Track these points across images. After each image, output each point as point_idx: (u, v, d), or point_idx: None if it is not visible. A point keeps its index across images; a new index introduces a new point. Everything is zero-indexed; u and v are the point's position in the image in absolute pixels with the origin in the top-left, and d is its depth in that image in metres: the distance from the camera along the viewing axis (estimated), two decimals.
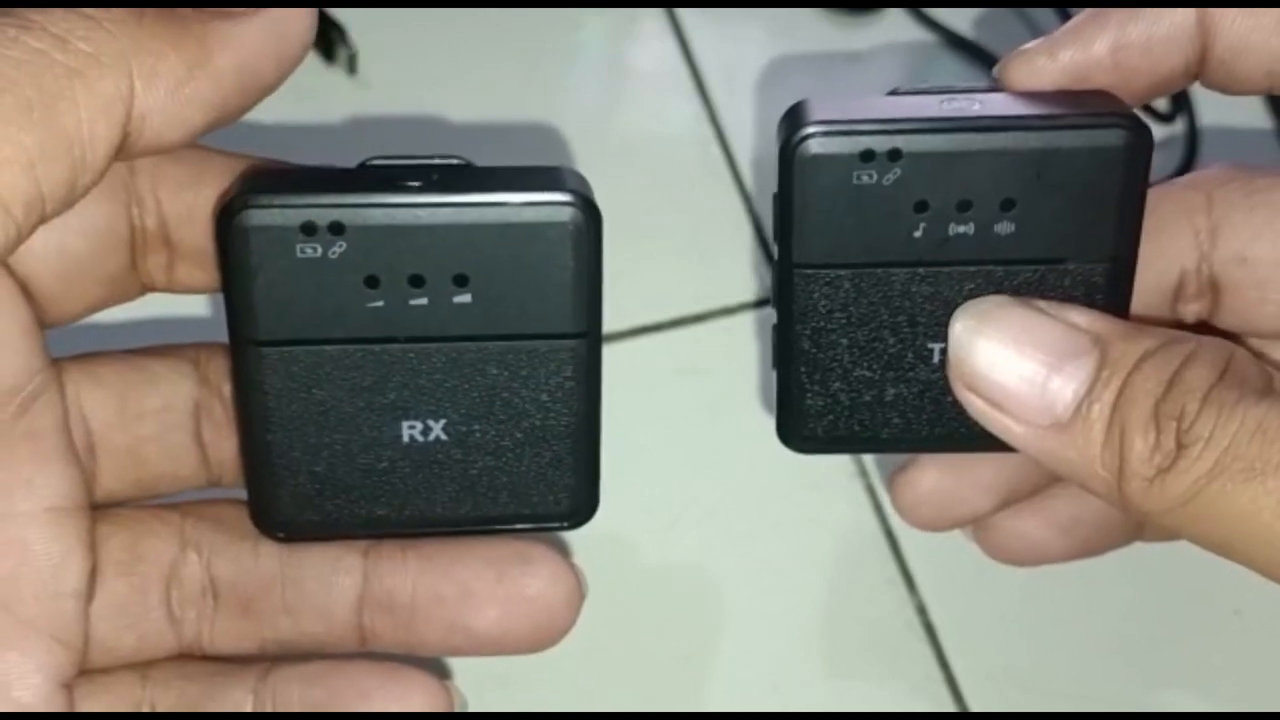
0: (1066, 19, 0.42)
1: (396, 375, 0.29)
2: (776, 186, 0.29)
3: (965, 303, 0.29)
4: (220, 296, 0.29)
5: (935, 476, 0.36)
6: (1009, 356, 0.28)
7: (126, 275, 0.30)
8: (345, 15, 0.47)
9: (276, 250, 0.28)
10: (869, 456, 0.42)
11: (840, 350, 0.31)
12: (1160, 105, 0.46)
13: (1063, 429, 0.27)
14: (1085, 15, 0.30)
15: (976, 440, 0.31)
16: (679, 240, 0.46)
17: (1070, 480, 0.28)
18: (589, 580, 0.32)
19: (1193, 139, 0.46)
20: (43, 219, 0.25)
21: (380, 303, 0.29)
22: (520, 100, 0.48)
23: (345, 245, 0.28)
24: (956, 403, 0.30)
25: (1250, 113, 0.48)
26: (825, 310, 0.30)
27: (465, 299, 0.29)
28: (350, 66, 0.47)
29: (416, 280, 0.29)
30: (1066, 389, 0.27)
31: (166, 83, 0.25)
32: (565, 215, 0.28)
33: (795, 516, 0.42)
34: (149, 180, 0.29)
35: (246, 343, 0.29)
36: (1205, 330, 0.33)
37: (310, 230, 0.28)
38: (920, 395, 0.31)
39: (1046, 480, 0.36)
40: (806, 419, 0.31)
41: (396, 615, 0.31)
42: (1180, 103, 0.46)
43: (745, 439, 0.42)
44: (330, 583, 0.31)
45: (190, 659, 0.31)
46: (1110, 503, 0.28)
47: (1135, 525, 0.36)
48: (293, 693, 0.31)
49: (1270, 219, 0.32)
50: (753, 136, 0.48)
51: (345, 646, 0.32)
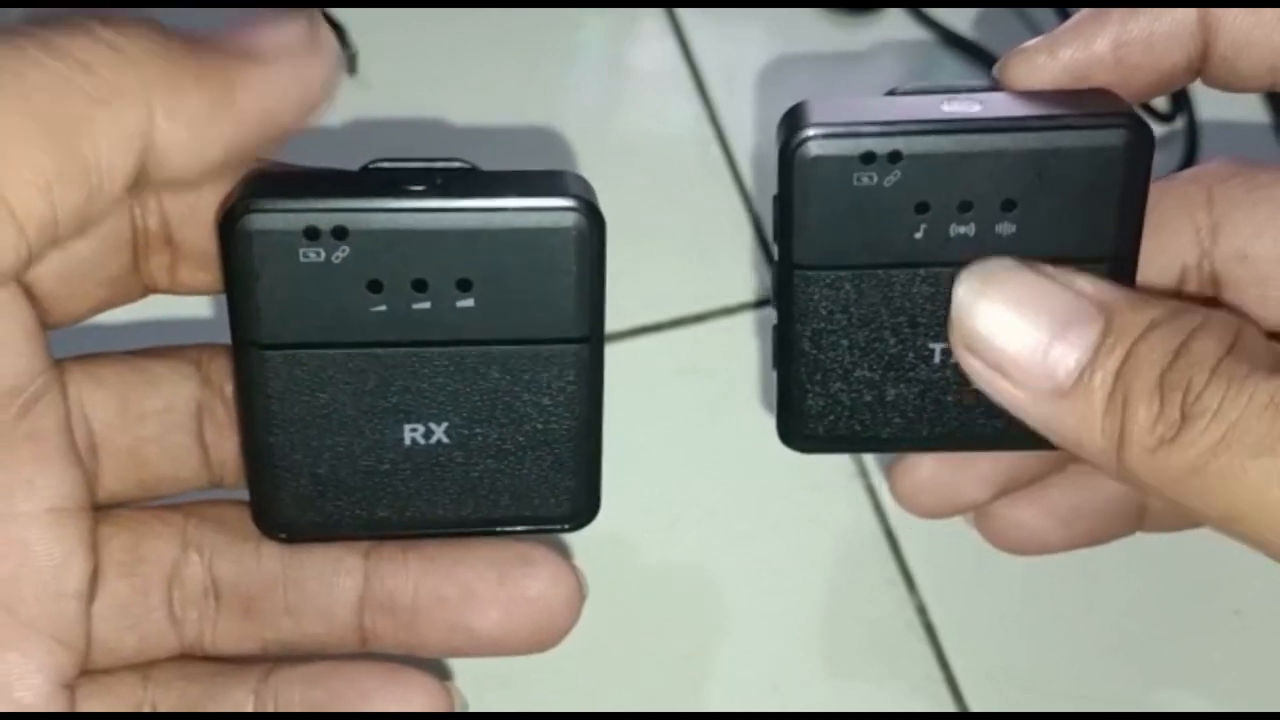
0: (1066, 19, 0.43)
1: (399, 379, 0.29)
2: (777, 188, 0.29)
3: (971, 264, 0.29)
4: (222, 297, 0.29)
5: (933, 466, 0.35)
6: (1012, 320, 0.28)
7: (129, 277, 0.30)
8: (345, 15, 0.47)
9: (279, 254, 0.28)
10: (869, 456, 0.42)
11: (841, 351, 0.31)
12: (1159, 104, 0.46)
13: (1063, 395, 0.27)
14: (1085, 13, 0.30)
15: (977, 439, 0.31)
16: (679, 240, 0.46)
17: (1067, 449, 0.28)
18: (589, 579, 0.32)
19: (1193, 137, 0.46)
20: (54, 242, 0.25)
21: (383, 307, 0.29)
22: (520, 100, 0.48)
23: (348, 250, 0.28)
24: (957, 403, 0.30)
25: (1249, 108, 0.48)
26: (826, 312, 0.30)
27: (468, 303, 0.29)
28: (350, 66, 0.47)
29: (420, 285, 0.28)
30: (1069, 355, 0.27)
31: (188, 118, 0.25)
32: (569, 221, 0.28)
33: (795, 516, 0.42)
34: None
35: (249, 346, 0.29)
36: (1215, 306, 0.32)
37: (313, 235, 0.28)
38: (921, 395, 0.31)
39: (1045, 470, 0.35)
40: (807, 419, 0.31)
41: (398, 616, 0.31)
42: (1180, 102, 0.46)
43: (745, 439, 0.42)
44: (331, 584, 0.31)
45: (192, 659, 0.31)
46: (1108, 473, 0.27)
47: (1136, 515, 0.36)
48: (294, 693, 0.31)
49: (1272, 216, 0.32)
50: (753, 136, 0.48)
51: (346, 647, 0.32)
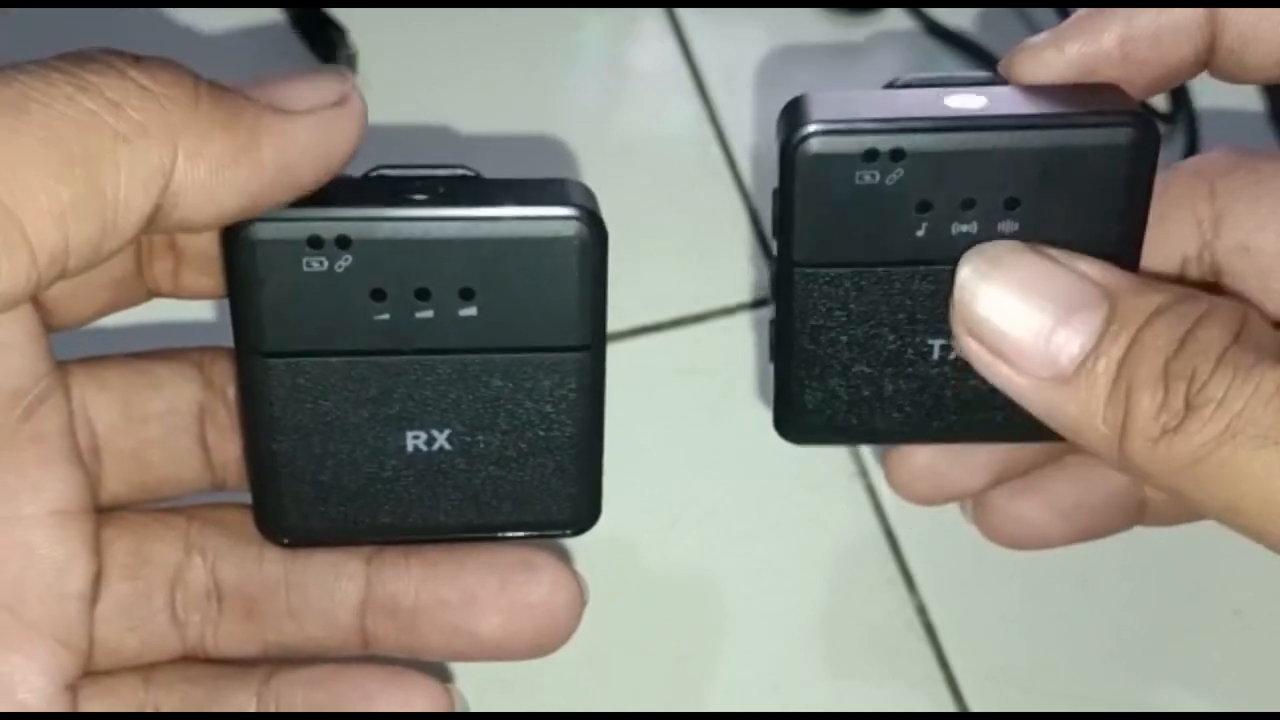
0: (1066, 18, 0.43)
1: (401, 386, 0.29)
2: (777, 181, 0.29)
3: (975, 245, 0.29)
4: (224, 300, 0.29)
5: (929, 453, 0.35)
6: (1015, 304, 0.28)
7: (132, 280, 0.30)
8: (345, 15, 0.47)
9: (283, 263, 0.28)
10: (869, 456, 0.42)
11: (839, 347, 0.31)
12: (1158, 104, 0.46)
13: (1065, 382, 0.27)
14: (1090, 10, 0.29)
15: (975, 432, 0.31)
16: (679, 240, 0.46)
17: (1068, 437, 0.28)
18: (588, 578, 0.32)
19: (1193, 133, 0.46)
20: (63, 274, 0.25)
21: (386, 315, 0.29)
22: (520, 100, 0.48)
23: (351, 258, 0.28)
24: (954, 396, 0.30)
25: (1244, 97, 0.48)
26: (825, 309, 0.30)
27: (471, 312, 0.29)
28: (350, 67, 0.47)
29: (422, 293, 0.28)
30: (1073, 341, 0.27)
31: (209, 164, 0.25)
32: (571, 230, 0.28)
33: (795, 516, 0.42)
34: None
35: (252, 353, 0.29)
36: (1218, 292, 0.32)
37: (317, 244, 0.28)
38: (919, 390, 0.31)
39: (1042, 459, 0.35)
40: (803, 412, 0.31)
41: (399, 620, 0.31)
42: (1180, 101, 0.46)
43: (745, 439, 0.42)
44: (333, 588, 0.31)
45: (194, 662, 0.31)
46: (1109, 462, 0.27)
47: (1137, 508, 0.36)
48: (296, 695, 0.31)
49: (1275, 209, 0.31)
50: (753, 136, 0.48)
51: (348, 650, 0.32)
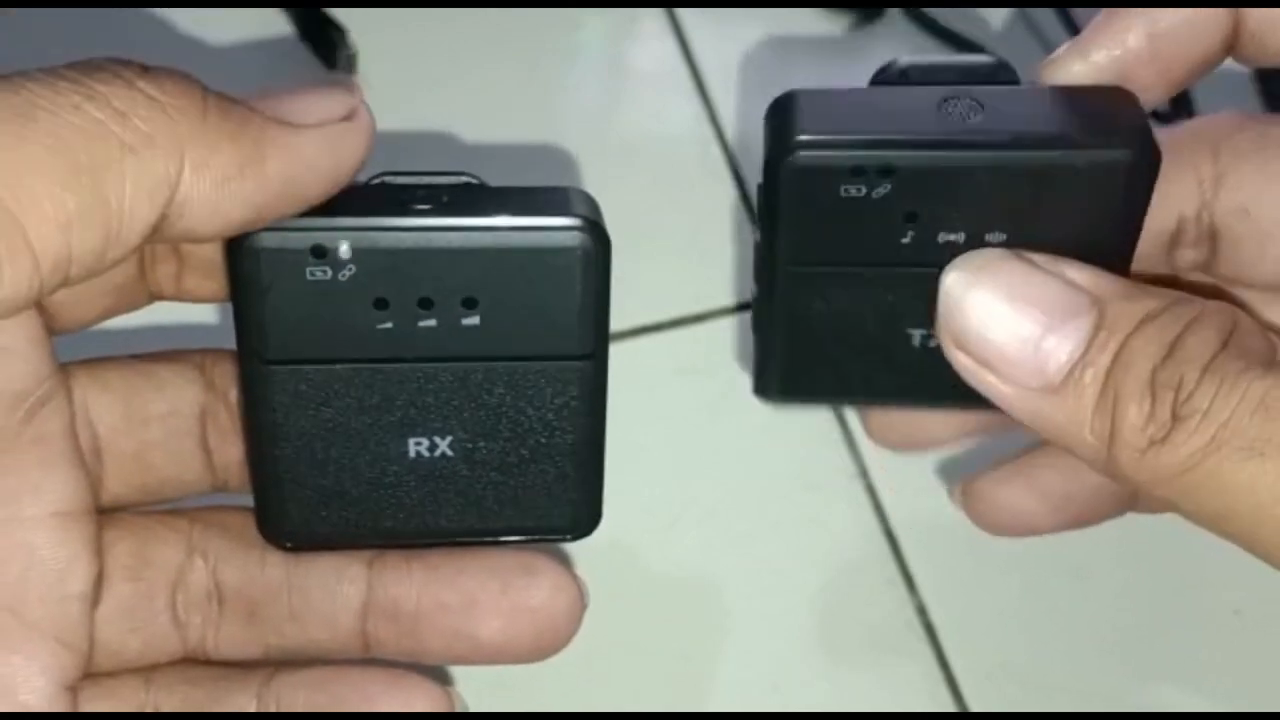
0: (1066, 19, 0.43)
1: (404, 394, 0.30)
2: (761, 177, 0.29)
3: (960, 255, 0.28)
4: (226, 302, 0.29)
5: None
6: (1002, 313, 0.27)
7: (135, 284, 0.30)
8: (345, 15, 0.47)
9: (287, 272, 0.28)
10: (869, 457, 0.42)
11: (819, 329, 0.31)
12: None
13: (1053, 391, 0.26)
14: (1108, 12, 0.29)
15: (951, 398, 0.30)
16: (679, 240, 0.46)
17: (1057, 445, 0.27)
18: (588, 578, 0.32)
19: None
20: (66, 281, 0.25)
21: (389, 324, 0.29)
22: (520, 100, 0.48)
23: (355, 268, 0.28)
24: (928, 363, 0.29)
25: (1240, 96, 0.48)
26: (806, 300, 0.30)
27: (474, 321, 0.29)
28: (350, 67, 0.47)
29: (425, 303, 0.28)
30: (1060, 350, 0.26)
31: (215, 175, 0.25)
32: (574, 241, 0.28)
33: (795, 516, 0.42)
34: None
35: (255, 360, 0.29)
36: (1208, 294, 0.31)
37: (320, 253, 0.28)
38: (895, 361, 0.31)
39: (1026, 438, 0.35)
40: (782, 379, 0.32)
41: (400, 624, 0.31)
42: (1180, 103, 0.46)
43: (745, 439, 0.43)
44: (335, 591, 0.31)
45: (195, 663, 0.31)
46: (1098, 470, 0.27)
47: (1128, 496, 0.35)
48: (296, 697, 0.31)
49: (1279, 173, 0.31)
50: (753, 137, 0.47)
51: (349, 653, 0.32)
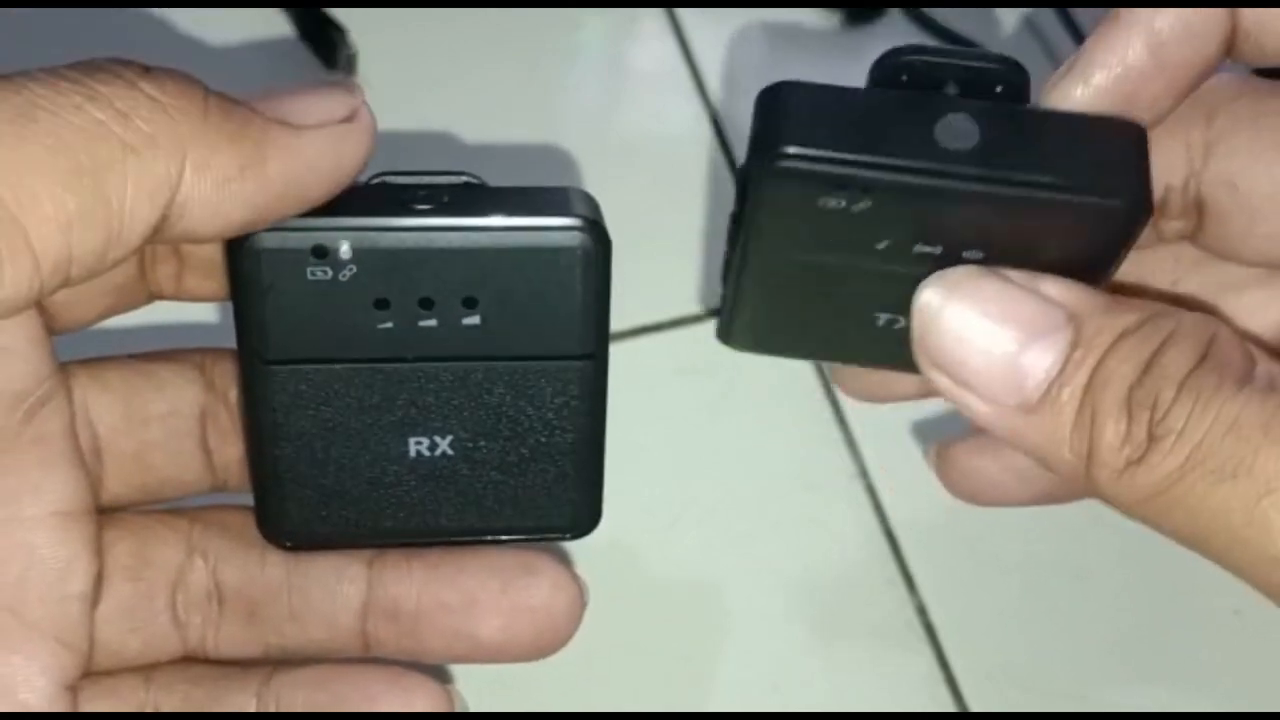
0: (1067, 19, 0.43)
1: (404, 393, 0.30)
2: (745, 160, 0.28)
3: (934, 273, 0.28)
4: (226, 301, 0.29)
5: None
6: (978, 329, 0.27)
7: (135, 284, 0.30)
8: (345, 15, 0.47)
9: (287, 272, 0.28)
10: (869, 458, 0.43)
11: (786, 299, 0.30)
12: None
13: (1031, 410, 0.26)
14: (1104, 26, 0.27)
15: (911, 366, 0.29)
16: (679, 240, 0.46)
17: (1037, 463, 0.27)
18: (588, 578, 0.32)
19: None
20: (67, 282, 0.25)
21: (390, 324, 0.29)
22: (520, 100, 0.48)
23: (356, 268, 0.28)
24: (892, 338, 0.29)
25: None
26: (775, 279, 0.30)
27: (474, 321, 0.29)
28: (350, 67, 0.47)
29: (426, 303, 0.28)
30: (1037, 367, 0.26)
31: (215, 176, 0.25)
32: (575, 241, 0.28)
33: (795, 516, 0.42)
34: None
35: (255, 360, 0.29)
36: (1187, 304, 0.31)
37: (321, 253, 0.28)
38: (860, 334, 0.30)
39: None
40: (742, 329, 0.32)
41: (400, 623, 0.31)
42: None
43: (745, 439, 0.43)
44: (335, 590, 0.31)
45: (194, 662, 0.31)
46: (1080, 488, 0.26)
47: None
48: (296, 696, 0.31)
49: (1275, 144, 0.29)
50: None
51: (349, 653, 0.32)
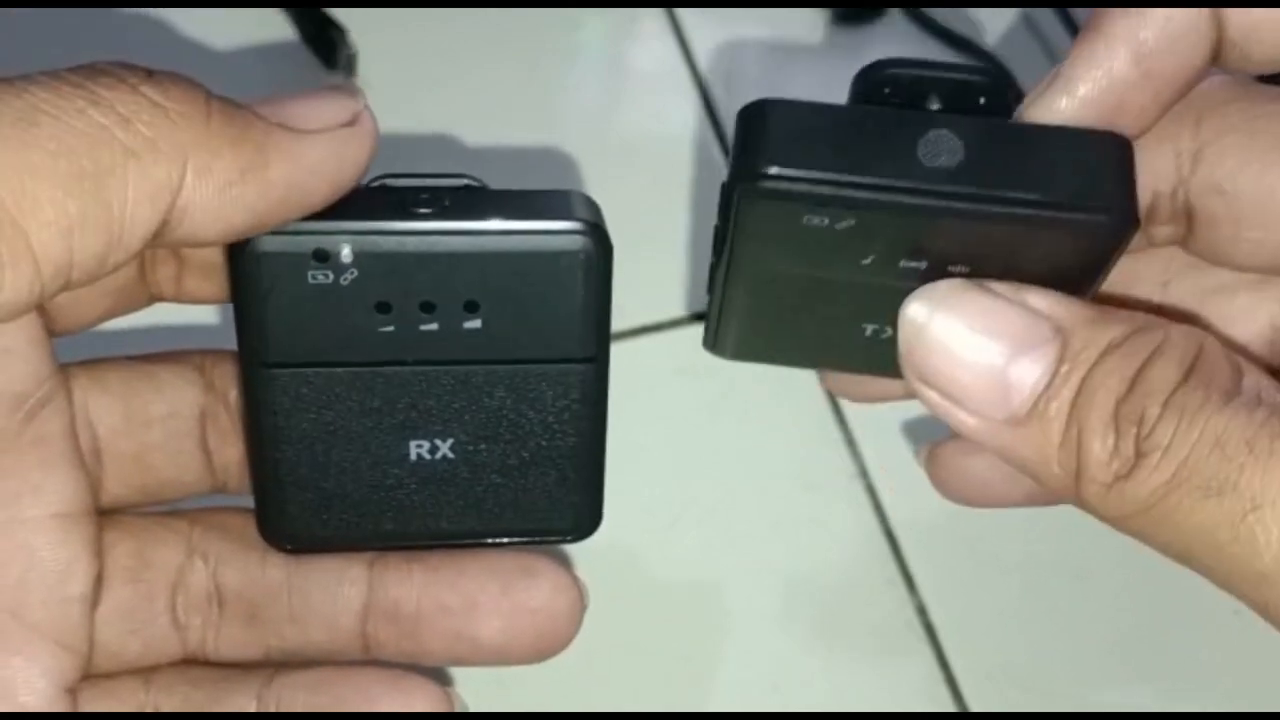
0: (1067, 19, 0.43)
1: (405, 396, 0.30)
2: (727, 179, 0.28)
3: (919, 287, 0.27)
4: (226, 303, 0.29)
5: None
6: (964, 345, 0.26)
7: (135, 286, 0.30)
8: (345, 15, 0.47)
9: (288, 276, 0.28)
10: (869, 458, 0.43)
11: (770, 309, 0.30)
12: None
13: (1018, 423, 0.26)
14: (1085, 36, 0.27)
15: (898, 373, 0.29)
16: (679, 240, 0.46)
17: (1026, 476, 0.27)
18: (588, 578, 0.32)
19: None
20: (67, 285, 0.25)
21: (390, 328, 0.29)
22: (520, 101, 0.48)
23: (357, 272, 0.28)
24: (878, 348, 0.29)
25: None
26: (759, 288, 0.30)
27: (475, 324, 0.29)
28: (350, 67, 0.47)
29: (427, 306, 0.28)
30: (1024, 381, 0.26)
31: (217, 180, 0.25)
32: (576, 244, 0.28)
33: (795, 516, 0.42)
34: None
35: (256, 363, 0.29)
36: (1175, 316, 0.30)
37: (322, 257, 0.28)
38: (845, 344, 0.30)
39: None
40: (728, 337, 0.32)
41: (401, 625, 0.31)
42: None
43: (745, 439, 0.43)
44: (336, 593, 0.31)
45: (195, 664, 0.31)
46: (1068, 502, 0.26)
47: None
48: (296, 698, 0.31)
49: (1266, 150, 0.29)
50: None
51: (349, 655, 0.32)
